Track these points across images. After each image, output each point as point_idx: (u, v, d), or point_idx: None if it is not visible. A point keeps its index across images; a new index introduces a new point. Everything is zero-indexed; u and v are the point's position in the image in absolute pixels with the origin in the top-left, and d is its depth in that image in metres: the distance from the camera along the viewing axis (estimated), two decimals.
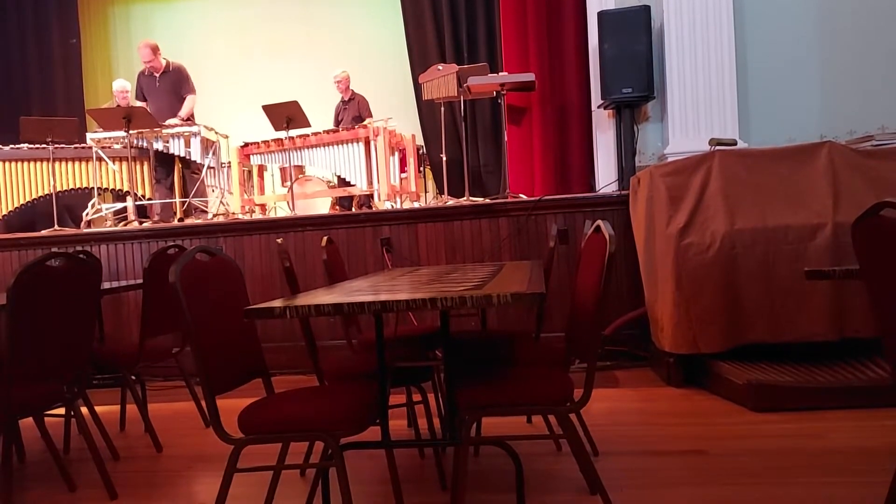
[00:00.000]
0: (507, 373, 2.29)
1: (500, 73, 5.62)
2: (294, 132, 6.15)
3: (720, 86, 4.87)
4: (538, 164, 5.89)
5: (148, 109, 6.49)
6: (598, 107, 5.22)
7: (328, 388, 2.36)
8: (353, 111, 7.34)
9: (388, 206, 6.25)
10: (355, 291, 2.28)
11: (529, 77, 5.30)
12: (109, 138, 6.20)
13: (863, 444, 2.81)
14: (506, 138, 5.56)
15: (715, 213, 3.76)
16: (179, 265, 2.05)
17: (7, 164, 6.26)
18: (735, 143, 4.48)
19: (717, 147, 4.16)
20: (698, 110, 4.87)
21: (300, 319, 2.49)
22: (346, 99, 7.41)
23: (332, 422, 1.97)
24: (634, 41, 4.84)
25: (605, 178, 5.22)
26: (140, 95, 6.67)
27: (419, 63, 6.94)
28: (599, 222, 2.24)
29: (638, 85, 4.86)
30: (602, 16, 4.95)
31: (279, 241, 2.92)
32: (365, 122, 6.86)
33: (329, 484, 2.30)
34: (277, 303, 2.02)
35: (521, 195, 5.20)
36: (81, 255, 2.72)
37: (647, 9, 4.88)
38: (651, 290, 4.08)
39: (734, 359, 3.71)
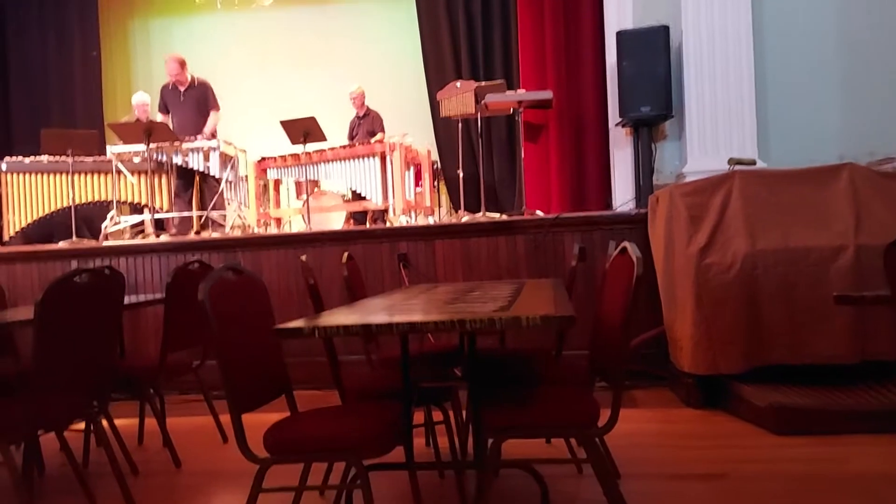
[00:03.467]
0: (531, 393, 2.28)
1: (518, 91, 5.64)
2: (310, 147, 6.19)
3: (739, 105, 4.86)
4: (554, 181, 5.90)
5: (170, 123, 6.54)
6: (616, 125, 5.22)
7: (352, 407, 2.36)
8: (367, 126, 7.40)
9: (403, 220, 6.27)
10: (380, 310, 2.29)
11: (547, 95, 5.32)
12: (129, 152, 6.25)
13: (886, 470, 2.78)
14: (522, 155, 5.57)
15: (736, 233, 3.74)
16: (208, 283, 2.06)
17: (27, 175, 6.32)
18: (754, 163, 4.47)
19: (737, 167, 4.15)
20: (717, 129, 4.86)
21: (324, 338, 2.51)
22: (361, 115, 7.46)
23: (358, 443, 1.96)
24: (653, 60, 4.85)
25: (622, 196, 5.21)
26: (163, 108, 6.73)
27: (435, 78, 6.98)
28: (626, 244, 2.23)
29: (656, 104, 4.86)
30: (621, 35, 4.97)
31: (303, 258, 2.92)
32: (378, 137, 6.90)
33: None
34: (301, 322, 2.02)
35: (537, 212, 5.20)
36: (106, 271, 2.74)
37: (665, 28, 4.89)
38: (670, 310, 4.06)
39: (754, 380, 3.68)
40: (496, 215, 5.37)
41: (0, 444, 2.39)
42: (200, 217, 6.39)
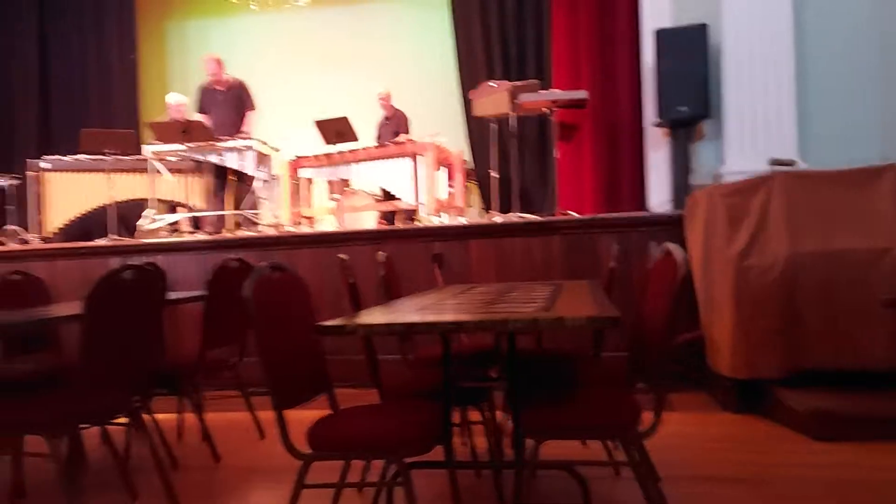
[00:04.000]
0: (571, 394, 2.27)
1: (553, 91, 5.61)
2: (343, 146, 6.23)
3: (778, 105, 4.78)
4: (588, 181, 5.86)
5: (206, 122, 6.64)
6: (652, 125, 5.17)
7: (392, 406, 2.37)
8: (392, 127, 7.44)
9: (434, 220, 6.28)
10: (420, 310, 2.29)
11: (582, 94, 5.28)
12: (166, 150, 6.35)
13: None
14: (556, 155, 5.54)
15: (776, 235, 3.69)
16: (252, 280, 2.08)
17: (67, 174, 6.45)
18: (794, 164, 4.40)
19: (777, 168, 4.09)
20: (756, 129, 4.79)
21: (364, 336, 2.52)
22: (388, 115, 7.51)
23: (401, 442, 1.97)
24: (691, 59, 4.79)
25: (658, 196, 5.16)
26: (200, 108, 6.83)
27: (467, 79, 6.98)
28: (669, 245, 2.21)
29: (694, 103, 4.80)
30: (659, 34, 4.92)
31: (342, 257, 2.94)
32: (401, 139, 6.93)
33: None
34: (345, 320, 2.03)
35: (570, 212, 5.17)
36: (148, 267, 2.78)
37: (704, 27, 4.83)
38: (708, 312, 4.01)
39: (793, 384, 3.62)
40: (528, 216, 5.36)
41: (47, 437, 2.43)
42: (235, 216, 6.47)
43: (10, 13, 7.70)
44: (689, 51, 4.80)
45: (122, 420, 3.32)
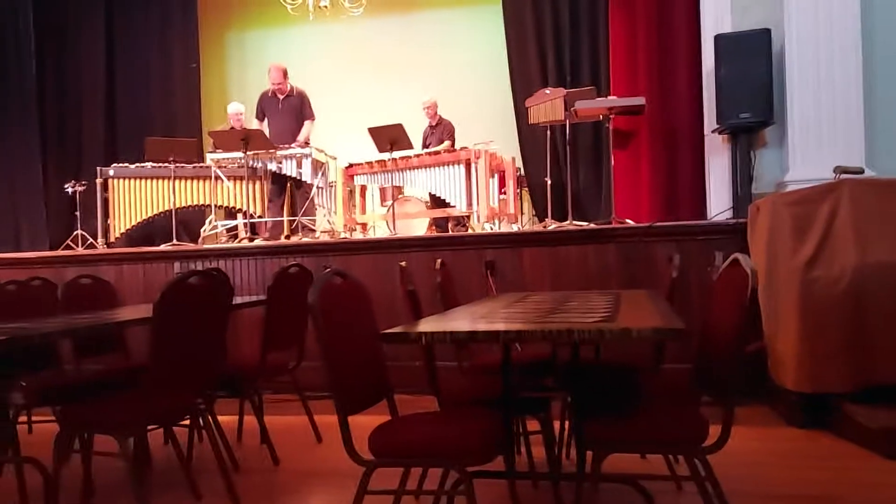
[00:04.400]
0: (635, 407, 2.23)
1: (609, 97, 5.55)
2: (396, 153, 6.30)
3: (845, 111, 4.62)
4: (645, 189, 5.77)
5: (266, 129, 6.79)
6: (712, 131, 5.07)
7: (452, 414, 2.37)
8: (439, 135, 7.50)
9: (487, 227, 6.27)
10: (479, 318, 2.29)
11: (640, 101, 5.21)
12: (227, 158, 6.51)
13: None
14: (612, 162, 5.48)
15: (844, 245, 3.57)
16: (317, 287, 2.11)
17: (132, 181, 6.67)
18: (862, 172, 4.25)
19: (844, 175, 3.96)
20: (821, 136, 4.64)
21: (425, 344, 2.53)
22: (434, 124, 7.57)
23: (463, 451, 1.97)
24: (753, 65, 4.68)
25: (718, 205, 5.04)
26: (260, 115, 6.99)
27: (521, 86, 6.95)
28: (738, 256, 2.16)
29: (756, 110, 4.69)
30: (720, 39, 4.82)
31: (402, 264, 2.97)
32: (445, 146, 6.96)
33: None
34: (407, 327, 2.05)
35: (627, 220, 5.10)
36: (213, 273, 2.85)
37: (767, 32, 4.72)
38: (771, 324, 3.90)
39: (861, 400, 3.49)
40: (583, 223, 5.31)
41: (118, 437, 2.51)
42: (292, 222, 6.59)
43: (80, 23, 8.01)
44: (751, 56, 4.69)
45: (185, 422, 3.43)
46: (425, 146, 7.45)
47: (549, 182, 5.87)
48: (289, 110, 6.86)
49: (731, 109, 4.75)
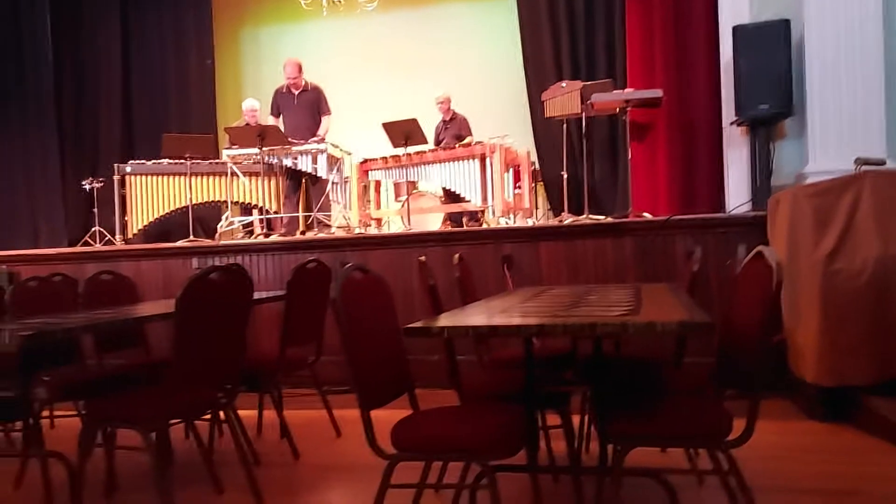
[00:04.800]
0: (658, 401, 2.22)
1: (626, 90, 5.51)
2: (411, 149, 6.29)
3: (866, 101, 4.56)
4: (662, 182, 5.74)
5: (280, 125, 6.80)
6: (731, 123, 5.02)
7: (474, 408, 2.37)
8: (454, 130, 7.44)
9: (502, 222, 6.26)
10: (499, 312, 2.29)
11: (657, 93, 5.18)
12: (243, 154, 6.53)
13: None
14: (629, 155, 5.45)
15: (866, 237, 3.53)
16: (339, 282, 2.11)
17: (149, 178, 6.71)
18: (884, 163, 4.20)
19: (865, 167, 3.92)
20: (842, 127, 4.58)
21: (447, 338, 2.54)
22: (447, 119, 7.53)
23: (487, 445, 1.97)
24: (772, 56, 4.63)
25: (737, 197, 5.00)
26: (275, 111, 7.00)
27: (535, 80, 6.93)
28: (762, 248, 2.14)
29: (775, 101, 4.64)
30: (738, 30, 4.77)
31: (422, 259, 2.97)
32: (467, 141, 6.93)
33: None
34: (429, 322, 2.05)
35: (645, 214, 5.08)
36: (234, 268, 2.86)
37: (786, 22, 4.67)
38: (791, 317, 3.87)
39: (884, 393, 3.46)
40: (599, 217, 5.28)
41: (141, 432, 2.53)
42: (307, 217, 6.60)
43: (95, 22, 8.06)
44: (770, 47, 4.64)
45: (205, 416, 3.45)
46: (438, 142, 7.43)
47: (565, 176, 5.84)
48: (304, 105, 6.87)
49: (750, 101, 4.71)
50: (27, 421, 2.84)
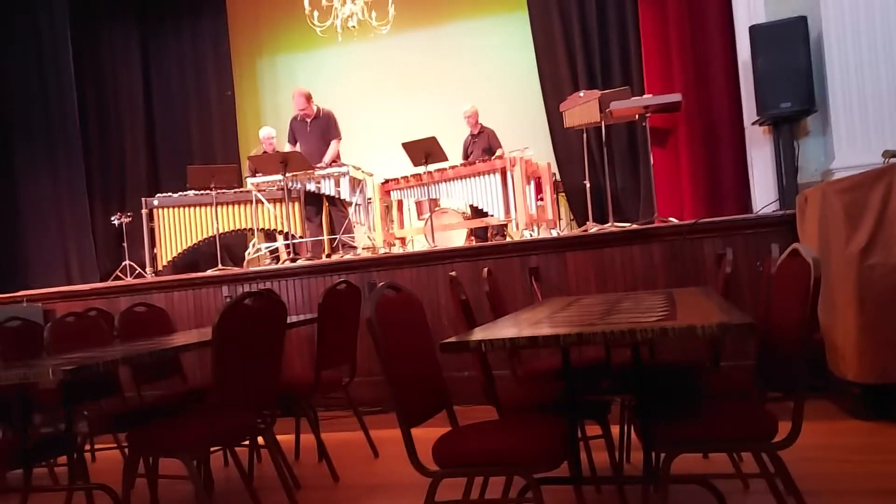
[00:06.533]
0: (700, 406, 2.20)
1: (645, 96, 5.51)
2: (431, 166, 6.32)
3: (890, 93, 4.51)
4: (686, 186, 5.71)
5: (300, 152, 6.88)
6: (753, 123, 4.99)
7: (514, 422, 2.36)
8: (482, 143, 7.44)
9: (526, 234, 6.25)
10: (533, 324, 2.28)
11: (676, 98, 5.16)
12: (266, 182, 6.61)
13: None
14: (652, 161, 5.42)
15: None
16: (373, 301, 2.12)
17: (176, 210, 6.82)
18: None
19: (893, 160, 3.87)
20: (866, 121, 4.53)
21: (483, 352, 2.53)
22: (475, 133, 7.53)
23: (530, 458, 1.95)
24: (791, 54, 4.60)
25: (763, 197, 4.95)
26: (291, 139, 7.09)
27: (552, 91, 6.96)
28: (797, 246, 2.12)
29: (797, 98, 4.61)
30: (755, 30, 4.75)
31: (452, 274, 2.97)
32: (499, 153, 6.93)
33: None
34: (466, 336, 2.05)
35: (671, 219, 5.04)
36: (266, 293, 2.89)
37: (803, 19, 4.64)
38: (827, 315, 3.81)
39: None
40: (624, 224, 5.25)
41: (184, 460, 2.56)
42: (332, 240, 6.65)
43: (116, 59, 8.25)
44: (789, 45, 4.61)
45: (244, 442, 3.47)
46: (467, 156, 7.45)
47: (587, 185, 5.83)
48: (316, 132, 6.92)
49: (771, 100, 4.68)
50: (71, 455, 2.87)
